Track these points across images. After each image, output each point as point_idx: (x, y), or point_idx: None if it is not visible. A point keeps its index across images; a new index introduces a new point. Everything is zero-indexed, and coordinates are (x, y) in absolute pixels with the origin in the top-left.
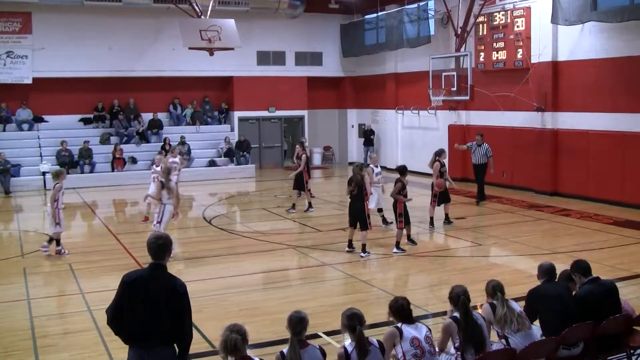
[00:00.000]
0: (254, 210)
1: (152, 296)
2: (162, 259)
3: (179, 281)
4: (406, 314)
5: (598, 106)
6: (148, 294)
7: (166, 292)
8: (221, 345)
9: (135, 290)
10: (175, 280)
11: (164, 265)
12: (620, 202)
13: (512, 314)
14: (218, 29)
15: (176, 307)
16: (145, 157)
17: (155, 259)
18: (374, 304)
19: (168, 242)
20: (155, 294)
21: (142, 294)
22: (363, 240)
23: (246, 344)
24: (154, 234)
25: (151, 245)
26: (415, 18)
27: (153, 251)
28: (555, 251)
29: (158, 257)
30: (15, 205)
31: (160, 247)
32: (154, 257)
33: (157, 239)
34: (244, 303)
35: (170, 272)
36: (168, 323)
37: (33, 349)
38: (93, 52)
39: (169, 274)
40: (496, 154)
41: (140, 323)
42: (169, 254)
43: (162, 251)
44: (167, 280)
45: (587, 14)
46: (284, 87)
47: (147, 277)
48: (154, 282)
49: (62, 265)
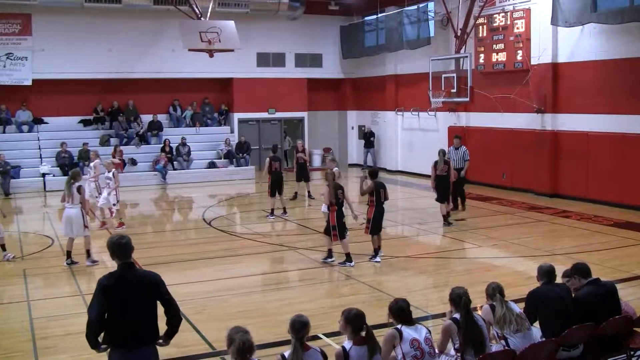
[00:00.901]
0: (254, 212)
1: (134, 295)
2: (129, 257)
3: (152, 273)
4: (406, 316)
5: (598, 108)
6: (129, 294)
7: (146, 288)
8: (238, 346)
9: (115, 293)
10: (148, 273)
11: (133, 263)
12: (620, 204)
13: (511, 314)
14: (218, 31)
15: (161, 297)
16: (145, 158)
17: (123, 259)
18: (374, 305)
19: (128, 240)
20: (137, 292)
21: (121, 295)
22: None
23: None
24: (115, 234)
25: (114, 246)
26: (415, 20)
27: (119, 252)
28: (555, 252)
29: (126, 257)
30: (15, 206)
31: (124, 246)
32: (121, 257)
33: (119, 239)
34: (244, 304)
35: (169, 273)
36: (152, 321)
37: (33, 351)
38: (93, 54)
39: (140, 270)
40: (496, 156)
41: (124, 324)
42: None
43: (127, 250)
44: (141, 276)
45: (586, 16)
46: (283, 89)
47: (124, 278)
48: (131, 281)
49: (62, 267)
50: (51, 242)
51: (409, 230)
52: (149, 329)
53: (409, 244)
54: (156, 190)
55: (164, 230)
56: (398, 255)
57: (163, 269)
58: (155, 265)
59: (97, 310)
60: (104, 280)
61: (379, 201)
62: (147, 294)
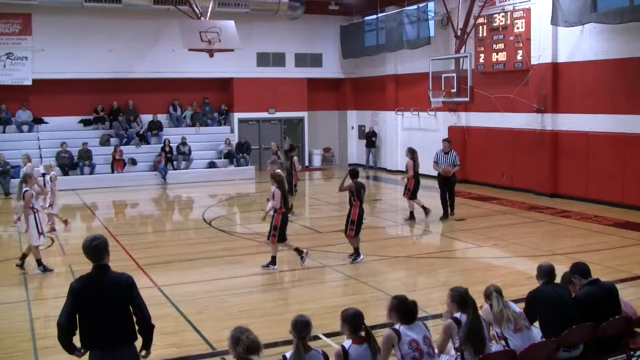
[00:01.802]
0: (254, 212)
1: (106, 297)
2: (102, 259)
3: (125, 275)
4: (411, 314)
5: (598, 107)
6: (101, 296)
7: (117, 290)
8: (248, 346)
9: (87, 296)
10: (120, 275)
11: (107, 265)
12: (620, 204)
13: (507, 311)
14: (218, 31)
15: (131, 301)
16: (145, 158)
17: (96, 261)
18: (374, 305)
19: (103, 242)
20: (109, 294)
21: (92, 298)
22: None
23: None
24: (89, 236)
25: (86, 248)
26: (415, 19)
27: (91, 254)
28: (555, 252)
29: (98, 259)
30: (15, 206)
31: (96, 248)
32: (93, 259)
33: (91, 240)
34: (244, 304)
35: (169, 273)
36: (127, 323)
37: (33, 351)
38: (93, 54)
39: (113, 272)
40: (496, 156)
41: (98, 328)
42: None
43: (99, 252)
44: (114, 278)
45: (586, 16)
46: (283, 89)
47: (95, 280)
48: (104, 283)
49: (62, 267)
50: (51, 242)
51: (409, 230)
52: (125, 330)
53: (409, 243)
54: (156, 190)
55: (164, 230)
56: (398, 255)
57: (163, 269)
58: (155, 265)
59: (65, 313)
60: (74, 283)
61: (361, 201)
62: (119, 296)
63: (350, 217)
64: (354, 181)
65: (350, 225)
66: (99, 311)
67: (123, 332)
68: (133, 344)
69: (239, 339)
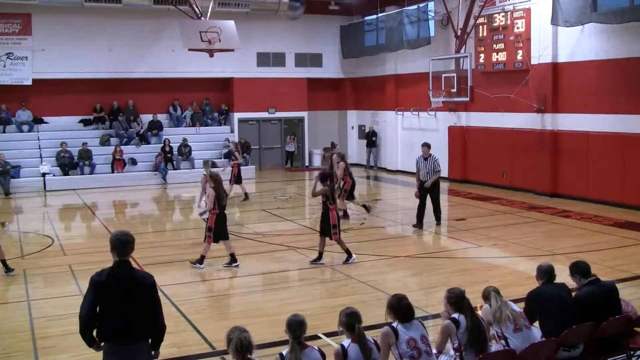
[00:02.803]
0: (253, 212)
1: (125, 293)
2: (126, 255)
3: (147, 275)
4: (408, 313)
5: (598, 107)
6: (121, 291)
7: (137, 288)
8: (235, 345)
9: (107, 289)
10: (143, 274)
11: (129, 261)
12: (620, 204)
13: (506, 308)
14: (218, 30)
15: (149, 301)
16: (145, 158)
17: (120, 256)
18: (374, 305)
19: (131, 238)
20: (128, 290)
21: (114, 292)
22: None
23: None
24: (117, 231)
25: (115, 242)
26: (415, 19)
27: (117, 247)
28: (555, 252)
29: (123, 254)
30: (15, 206)
31: (124, 243)
32: (119, 254)
33: (121, 235)
34: (244, 304)
35: (169, 273)
36: (144, 318)
37: (33, 351)
38: (93, 54)
39: (135, 269)
40: (496, 155)
41: (117, 321)
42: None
43: (125, 248)
44: (136, 275)
45: (587, 15)
46: (284, 89)
47: (116, 275)
48: (124, 278)
49: (62, 267)
50: (51, 241)
51: (409, 229)
52: (142, 326)
53: (409, 243)
54: (156, 190)
55: (164, 230)
56: (398, 255)
57: (163, 269)
58: (155, 265)
59: (86, 307)
60: (95, 276)
61: (335, 204)
62: (142, 294)
63: (331, 221)
64: (326, 185)
65: (334, 229)
66: (120, 305)
67: (141, 327)
68: (148, 340)
69: (230, 338)
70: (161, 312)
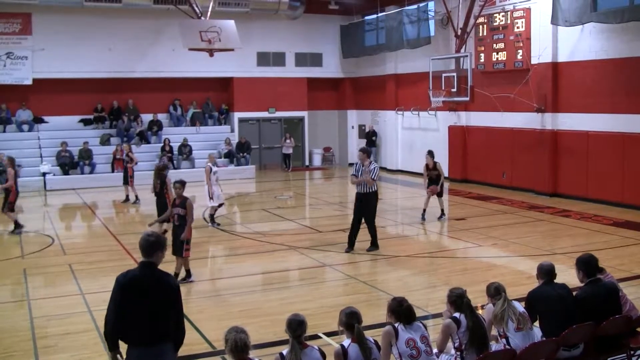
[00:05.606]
0: (254, 212)
1: (150, 295)
2: (152, 256)
3: (172, 278)
4: (408, 316)
5: (598, 107)
6: (146, 293)
7: (162, 290)
8: (231, 346)
9: (132, 291)
10: (169, 277)
11: (155, 262)
12: (620, 203)
13: (511, 312)
14: (218, 30)
15: (173, 304)
16: (146, 157)
17: (147, 257)
18: (375, 305)
19: (160, 239)
20: (154, 292)
21: (139, 293)
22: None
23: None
24: (146, 232)
25: (141, 242)
26: (415, 19)
27: (144, 249)
28: (555, 252)
29: (149, 255)
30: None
31: (151, 244)
32: (145, 255)
33: (148, 236)
34: (244, 304)
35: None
36: (168, 320)
37: (33, 350)
38: (93, 53)
39: (160, 270)
40: (496, 155)
41: (142, 323)
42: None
43: (152, 249)
44: (161, 277)
45: (586, 15)
46: (284, 88)
47: (141, 276)
48: (149, 280)
49: (62, 266)
50: (51, 241)
51: (409, 229)
52: (165, 328)
53: (409, 243)
54: None
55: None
56: (398, 254)
57: (163, 269)
58: None
59: (112, 308)
60: (120, 277)
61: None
62: (168, 297)
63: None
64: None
65: (187, 245)
66: (146, 305)
67: (164, 330)
68: (170, 341)
69: (227, 339)
70: (183, 316)
